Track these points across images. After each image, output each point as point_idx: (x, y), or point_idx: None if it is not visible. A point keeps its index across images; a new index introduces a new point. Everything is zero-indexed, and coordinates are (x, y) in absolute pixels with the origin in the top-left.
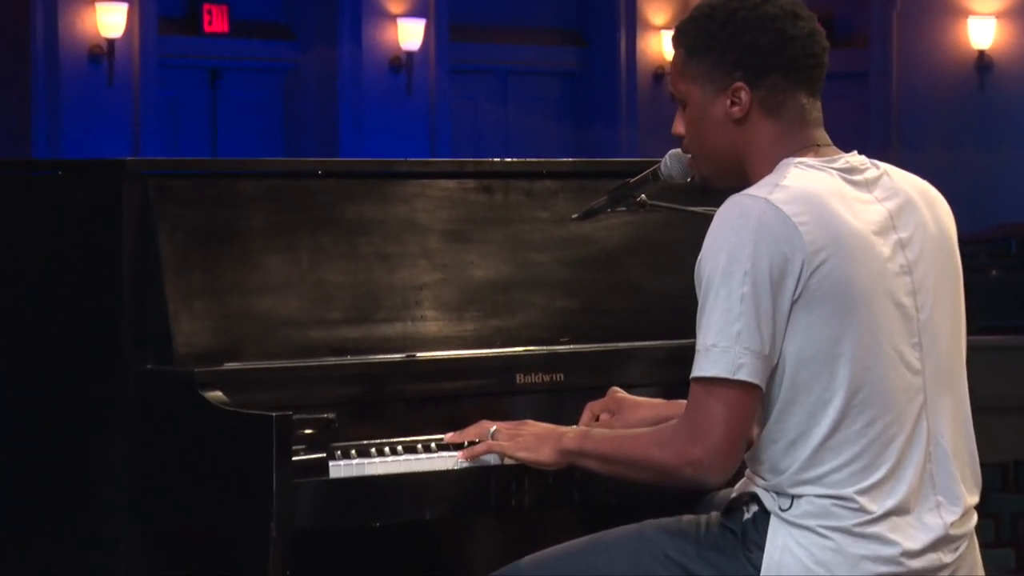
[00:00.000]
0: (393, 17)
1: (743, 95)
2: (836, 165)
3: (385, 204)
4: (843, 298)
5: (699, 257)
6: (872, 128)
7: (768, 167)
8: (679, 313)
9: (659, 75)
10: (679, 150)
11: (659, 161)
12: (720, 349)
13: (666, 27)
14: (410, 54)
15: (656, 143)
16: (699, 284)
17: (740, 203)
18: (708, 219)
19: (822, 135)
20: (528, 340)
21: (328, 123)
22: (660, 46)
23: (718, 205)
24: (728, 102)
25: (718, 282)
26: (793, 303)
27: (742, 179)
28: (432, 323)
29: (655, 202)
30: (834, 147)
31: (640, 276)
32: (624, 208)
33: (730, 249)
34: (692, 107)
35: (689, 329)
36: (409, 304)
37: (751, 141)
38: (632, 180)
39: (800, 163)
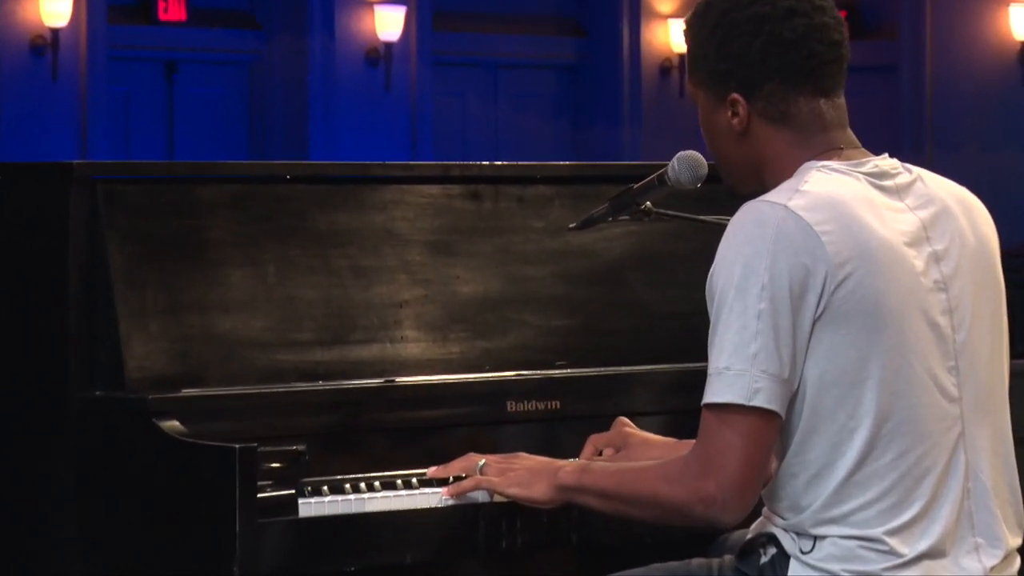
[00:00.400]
0: (370, 4)
1: (740, 109)
2: (864, 169)
3: (361, 212)
4: (870, 316)
5: (711, 270)
6: (903, 128)
7: (787, 172)
8: (689, 333)
9: (666, 69)
10: (688, 152)
11: (666, 164)
12: (734, 372)
13: (674, 16)
14: (388, 45)
15: (663, 144)
16: (711, 300)
17: (756, 210)
18: (720, 229)
19: (846, 136)
20: (520, 363)
21: (297, 122)
22: (667, 36)
23: (732, 213)
24: (728, 113)
25: (732, 298)
26: (815, 321)
27: (760, 183)
28: (413, 345)
29: (661, 210)
30: (862, 149)
31: (645, 292)
32: (627, 217)
33: (745, 261)
34: (700, 112)
35: (700, 351)
36: (388, 323)
37: (760, 152)
38: (636, 186)
39: (823, 167)
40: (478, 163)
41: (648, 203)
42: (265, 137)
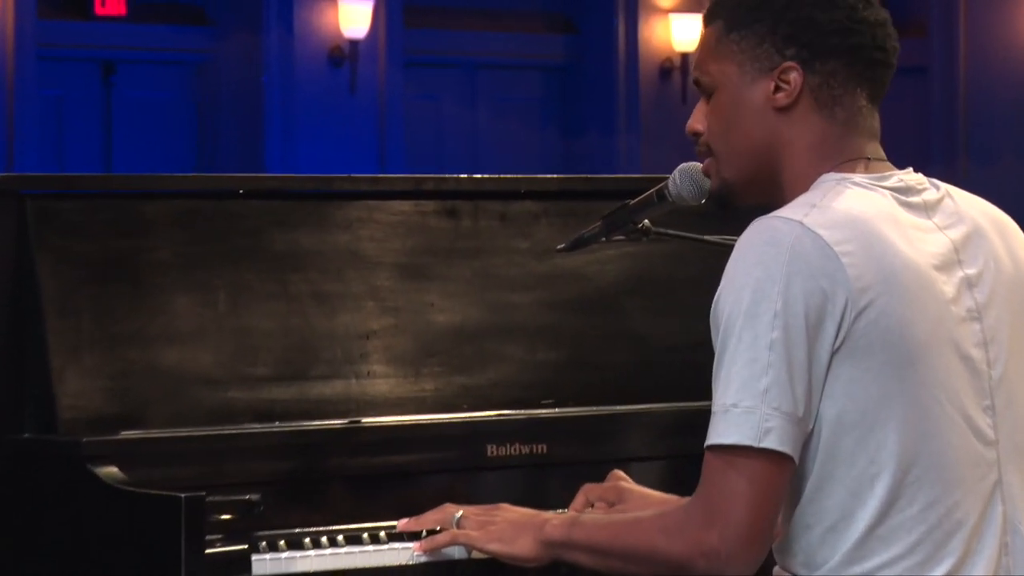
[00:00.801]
0: None
1: (794, 76)
2: (888, 184)
3: (323, 231)
4: (895, 348)
5: (717, 295)
6: (932, 137)
7: (805, 179)
8: (692, 368)
9: (667, 69)
10: (692, 164)
11: (667, 178)
12: (742, 410)
13: (675, 10)
14: (354, 43)
15: (663, 154)
16: (716, 329)
17: (769, 227)
18: (727, 251)
19: (875, 148)
20: (502, 402)
21: (252, 129)
22: (668, 33)
23: (741, 233)
24: (772, 85)
25: (740, 326)
26: (833, 353)
27: (772, 188)
28: (382, 381)
29: (661, 229)
30: (887, 163)
31: (643, 322)
32: (623, 237)
33: (756, 284)
34: (724, 91)
35: (704, 388)
36: (353, 357)
37: (792, 140)
38: (633, 202)
39: (844, 180)
40: (455, 176)
41: (646, 221)
42: (215, 147)
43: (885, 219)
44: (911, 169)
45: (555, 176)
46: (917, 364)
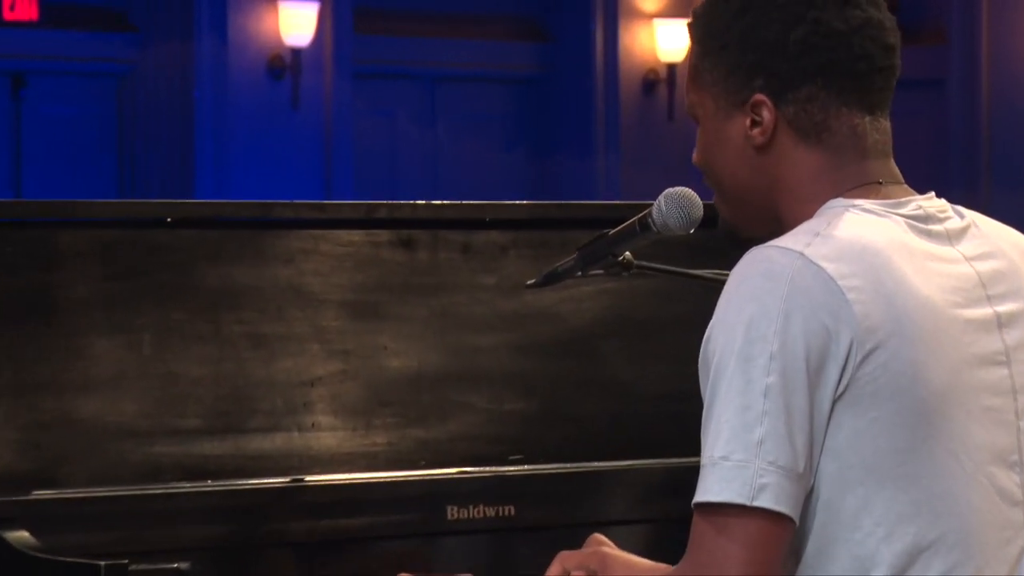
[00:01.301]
0: None
1: (764, 113)
2: (904, 211)
3: (262, 265)
4: (907, 396)
5: (707, 333)
6: (952, 157)
7: (810, 208)
8: (679, 421)
9: (651, 82)
10: (679, 189)
11: (650, 205)
12: (734, 464)
13: (660, 15)
14: (296, 51)
15: (646, 178)
16: (705, 372)
17: (765, 258)
18: (719, 287)
19: (887, 168)
20: (465, 458)
21: (181, 150)
22: (652, 41)
23: (734, 267)
24: (748, 121)
25: (732, 369)
26: (836, 400)
27: (775, 226)
28: (328, 434)
29: (644, 263)
30: (905, 186)
31: (623, 368)
32: (601, 271)
33: (750, 322)
34: (705, 126)
35: (693, 442)
36: (295, 407)
37: (781, 177)
38: (612, 231)
39: (853, 206)
40: (411, 202)
41: (628, 254)
42: (139, 169)
43: (898, 250)
44: (932, 194)
45: (525, 202)
46: (932, 415)
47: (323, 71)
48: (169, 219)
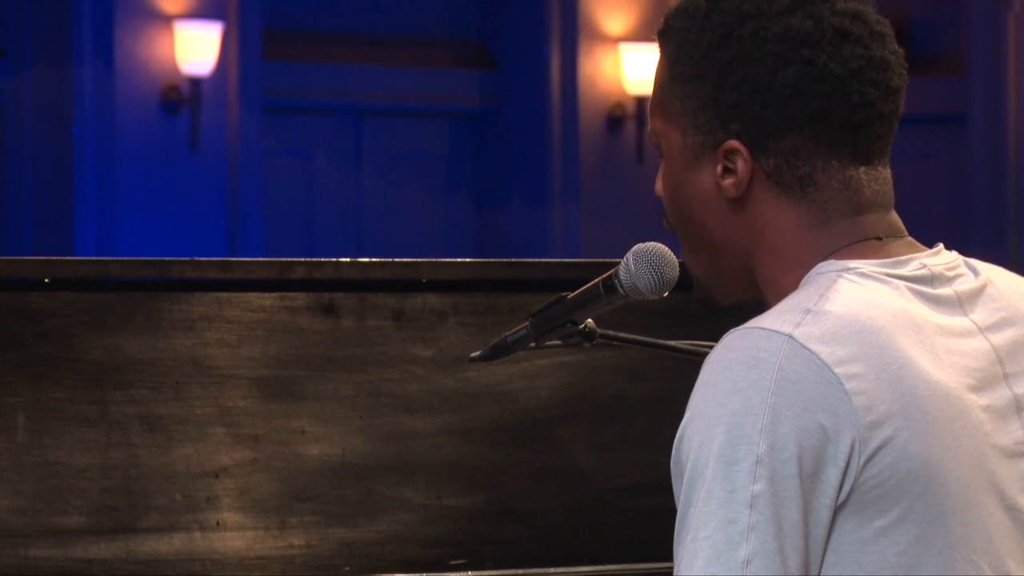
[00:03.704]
0: (167, 19)
1: (739, 163)
2: (905, 271)
3: (156, 334)
4: (918, 500)
5: (680, 431)
6: (973, 201)
7: (786, 280)
8: (650, 517)
9: (616, 118)
10: (650, 245)
11: (617, 263)
12: None
13: (628, 39)
14: (196, 81)
15: (611, 231)
16: (679, 475)
17: (749, 343)
18: (699, 362)
19: (885, 222)
20: (397, 562)
21: (59, 197)
22: (617, 69)
23: (714, 337)
24: (719, 168)
25: (711, 475)
26: (837, 509)
27: (750, 289)
28: (235, 534)
29: (609, 332)
30: (907, 239)
31: (584, 456)
32: (558, 342)
33: (732, 420)
34: (669, 163)
35: (666, 543)
36: (197, 502)
37: (758, 234)
38: (571, 295)
39: (847, 270)
40: (333, 260)
41: (589, 321)
42: (9, 220)
43: (903, 325)
44: (940, 247)
45: (467, 260)
46: (948, 519)
47: (227, 104)
48: (46, 280)
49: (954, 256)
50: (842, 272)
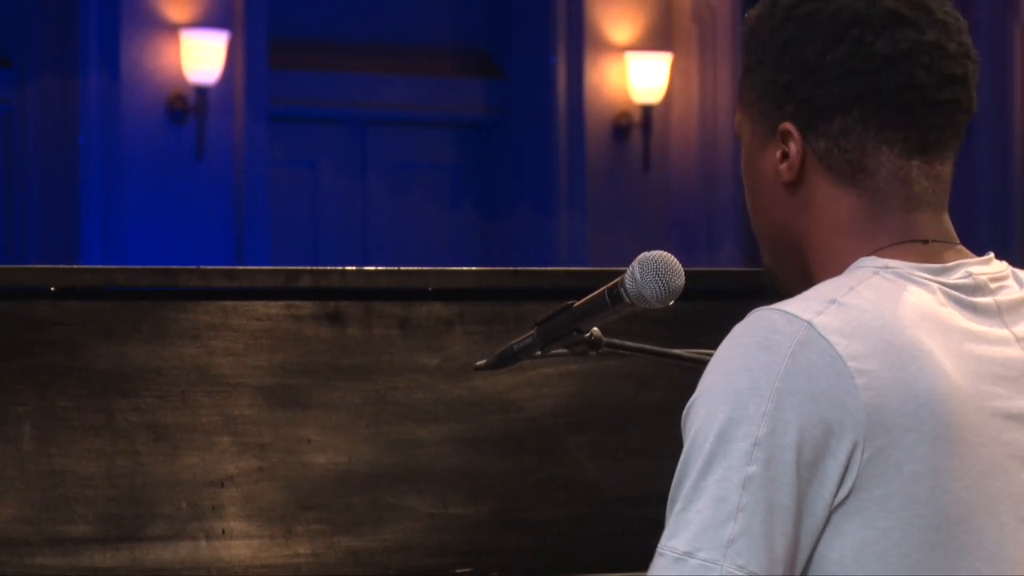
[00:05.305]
0: (174, 28)
1: (792, 145)
2: (949, 279)
3: (162, 343)
4: (925, 505)
5: (691, 399)
6: (980, 212)
7: (839, 265)
8: (656, 526)
9: (623, 127)
10: (655, 253)
11: (623, 272)
12: (699, 563)
13: (633, 48)
14: (202, 90)
15: (617, 240)
16: (684, 441)
17: (767, 324)
18: (702, 370)
19: (937, 224)
20: (403, 571)
21: (65, 206)
22: (623, 78)
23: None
24: (778, 154)
25: (710, 450)
26: (836, 506)
27: (808, 278)
28: (241, 543)
29: (615, 341)
30: (958, 247)
31: (590, 464)
32: (564, 350)
33: (737, 399)
34: (743, 151)
35: None
36: (202, 511)
37: (812, 222)
38: (577, 303)
39: (884, 268)
40: (339, 268)
41: (595, 330)
42: (16, 229)
43: (930, 327)
44: (991, 255)
45: (473, 269)
46: (955, 528)
47: (233, 113)
48: (52, 288)
49: (1003, 267)
50: (879, 269)
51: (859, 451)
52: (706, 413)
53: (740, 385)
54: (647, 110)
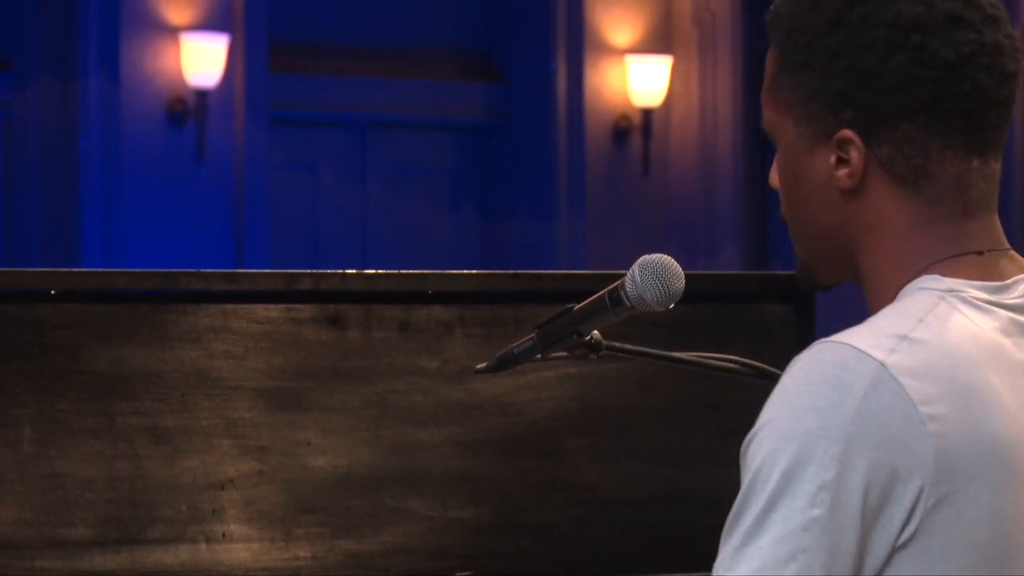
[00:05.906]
0: (174, 31)
1: (853, 152)
2: (1009, 299)
3: (162, 346)
4: (984, 551)
5: (754, 430)
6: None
7: (891, 274)
8: (657, 530)
9: (623, 131)
10: (656, 257)
11: (623, 275)
12: None
13: (633, 51)
14: (202, 93)
15: (617, 243)
16: (744, 472)
17: (839, 361)
18: (702, 374)
19: (988, 230)
20: (404, 573)
21: (65, 209)
22: (624, 81)
23: (722, 348)
24: (833, 159)
25: (774, 488)
26: (897, 549)
27: (854, 275)
28: (241, 546)
29: (615, 344)
30: (1010, 254)
31: (590, 468)
32: (564, 353)
33: (806, 438)
34: (783, 151)
35: (673, 556)
36: (203, 514)
37: (868, 227)
38: (577, 306)
39: (951, 294)
40: (339, 271)
41: (596, 333)
42: (15, 232)
43: (996, 364)
44: None
45: (473, 272)
46: (1012, 572)
47: (233, 116)
48: (52, 291)
49: None
50: (945, 295)
51: (924, 497)
52: (771, 448)
53: (809, 424)
54: (647, 113)
